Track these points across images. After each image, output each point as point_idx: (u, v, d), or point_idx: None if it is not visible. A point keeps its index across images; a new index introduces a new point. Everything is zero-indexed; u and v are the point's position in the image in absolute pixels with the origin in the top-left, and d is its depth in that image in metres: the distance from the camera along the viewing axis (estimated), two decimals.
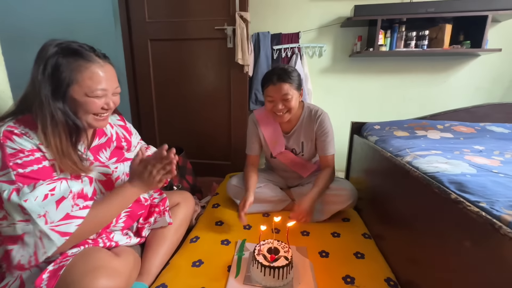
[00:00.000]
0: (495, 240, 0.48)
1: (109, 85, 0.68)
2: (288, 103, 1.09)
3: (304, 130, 1.22)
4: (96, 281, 0.58)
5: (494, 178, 0.67)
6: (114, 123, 0.87)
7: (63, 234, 0.58)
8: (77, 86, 0.64)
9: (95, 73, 0.65)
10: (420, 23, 1.78)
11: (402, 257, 0.87)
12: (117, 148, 0.83)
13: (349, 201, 1.16)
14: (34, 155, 0.60)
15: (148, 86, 1.88)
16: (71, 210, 0.61)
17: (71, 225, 0.60)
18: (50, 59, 0.61)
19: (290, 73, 1.09)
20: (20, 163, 0.58)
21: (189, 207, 1.06)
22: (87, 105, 0.66)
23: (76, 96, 0.64)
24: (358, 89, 2.01)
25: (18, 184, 0.57)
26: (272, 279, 0.80)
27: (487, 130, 1.28)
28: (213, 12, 1.69)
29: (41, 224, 0.56)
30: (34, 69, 0.62)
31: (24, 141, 0.60)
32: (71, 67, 0.62)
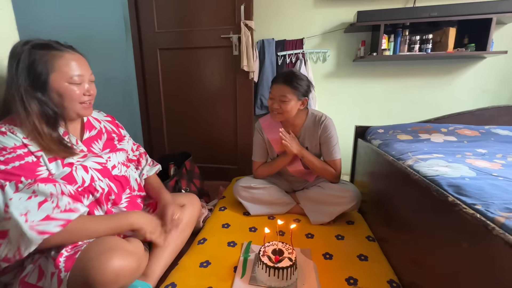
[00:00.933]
0: (489, 241, 0.50)
1: (84, 71, 0.74)
2: (284, 105, 1.13)
3: (308, 136, 1.26)
4: (111, 260, 0.62)
5: (493, 181, 0.69)
6: (101, 119, 0.94)
7: (41, 233, 0.60)
8: (56, 74, 0.69)
9: (69, 61, 0.71)
10: (424, 27, 1.79)
11: (404, 259, 0.88)
12: (108, 139, 0.90)
13: (352, 203, 1.18)
14: (16, 151, 0.65)
15: (157, 93, 1.95)
16: (52, 212, 0.63)
17: (51, 225, 0.62)
18: (22, 54, 0.66)
19: (296, 79, 1.13)
20: (3, 160, 0.62)
21: (195, 209, 1.09)
22: (69, 92, 0.71)
23: (56, 85, 0.70)
24: (362, 93, 2.03)
25: (0, 181, 0.60)
26: (277, 279, 0.83)
27: (492, 133, 1.28)
28: (219, 22, 1.75)
29: (22, 222, 0.59)
30: (8, 68, 0.68)
31: (7, 139, 0.65)
32: (45, 58, 0.68)
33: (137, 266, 0.70)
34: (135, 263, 0.68)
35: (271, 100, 1.18)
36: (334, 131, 1.23)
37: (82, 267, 0.61)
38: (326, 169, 1.22)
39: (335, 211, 1.19)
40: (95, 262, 0.61)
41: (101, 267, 0.60)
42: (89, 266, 0.60)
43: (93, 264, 0.60)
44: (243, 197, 1.31)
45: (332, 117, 1.26)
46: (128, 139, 1.02)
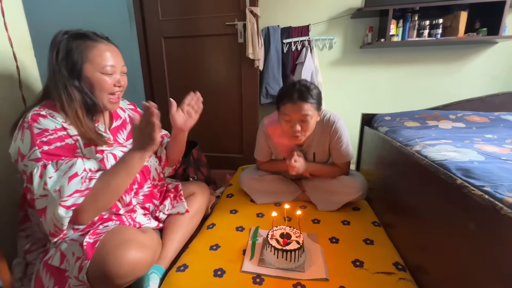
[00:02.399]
0: (497, 221, 0.51)
1: (116, 62, 0.75)
2: (306, 124, 1.03)
3: (316, 142, 1.18)
4: (127, 252, 0.65)
5: (502, 165, 0.69)
6: (125, 107, 0.96)
7: (69, 207, 0.64)
8: (89, 64, 0.71)
9: (102, 51, 0.73)
10: (434, 12, 1.74)
11: (410, 243, 0.90)
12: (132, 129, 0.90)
13: (359, 193, 1.18)
14: (57, 133, 0.68)
15: (162, 82, 1.96)
16: (80, 186, 0.66)
17: (76, 197, 0.65)
18: (61, 44, 0.69)
19: (311, 91, 1.01)
20: (46, 140, 0.66)
21: (205, 197, 1.12)
22: (100, 82, 0.73)
23: (89, 74, 0.72)
24: (369, 80, 2.00)
25: (43, 161, 0.64)
26: (285, 261, 0.85)
27: (501, 119, 1.27)
28: (223, 8, 1.72)
29: (56, 198, 0.63)
30: (49, 56, 0.70)
31: (49, 121, 0.68)
32: (81, 47, 0.70)
33: (152, 258, 0.74)
34: (150, 255, 0.72)
35: (288, 123, 1.04)
36: (344, 133, 1.14)
37: (100, 259, 0.63)
38: (334, 172, 1.20)
39: (342, 200, 1.20)
40: (112, 256, 0.64)
41: (117, 262, 0.63)
42: (106, 259, 0.63)
43: (109, 258, 0.63)
44: (249, 188, 1.32)
45: (339, 105, 1.25)
46: None
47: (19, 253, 0.80)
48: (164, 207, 0.95)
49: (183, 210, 0.99)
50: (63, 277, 0.66)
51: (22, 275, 0.77)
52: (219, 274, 0.84)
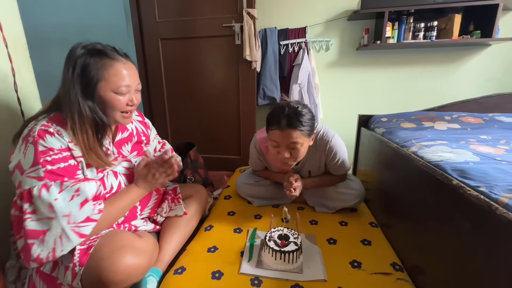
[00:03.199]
0: (493, 221, 0.51)
1: (132, 82, 0.74)
2: (296, 152, 0.96)
3: (312, 159, 1.14)
4: (123, 258, 0.64)
5: (496, 165, 0.70)
6: (133, 119, 0.93)
7: (81, 236, 0.63)
8: (104, 83, 0.69)
9: (119, 70, 0.71)
10: (429, 14, 1.76)
11: (407, 243, 0.90)
12: (137, 142, 0.90)
13: (355, 200, 1.17)
14: (62, 154, 0.66)
15: (159, 84, 1.95)
16: (92, 213, 0.65)
17: (88, 227, 0.65)
18: (78, 59, 0.67)
19: (302, 117, 0.92)
20: (50, 160, 0.63)
21: (202, 199, 1.12)
22: (113, 101, 0.71)
23: (102, 93, 0.70)
24: (365, 82, 2.02)
25: (46, 180, 0.61)
26: (283, 263, 0.85)
27: (495, 120, 1.28)
28: (221, 10, 1.73)
29: (64, 224, 0.61)
30: (65, 71, 0.68)
31: (55, 140, 0.65)
32: (98, 65, 0.68)
33: (148, 263, 0.73)
34: (146, 260, 0.71)
35: (276, 149, 0.97)
36: (340, 149, 1.09)
37: (95, 265, 0.62)
38: (332, 181, 1.19)
39: (338, 206, 1.20)
40: (107, 261, 0.62)
41: (113, 268, 0.62)
42: (101, 265, 0.62)
43: (105, 263, 0.62)
44: (246, 194, 1.31)
45: (335, 106, 1.26)
46: (155, 137, 1.03)
47: (12, 255, 0.79)
48: (161, 210, 0.94)
49: (181, 212, 0.98)
50: (55, 284, 0.65)
51: (15, 278, 0.76)
52: (217, 277, 0.83)
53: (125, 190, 0.79)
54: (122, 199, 0.76)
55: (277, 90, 1.99)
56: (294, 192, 1.08)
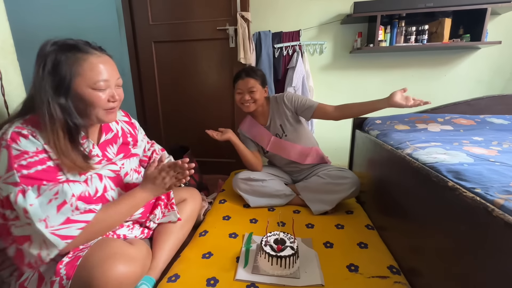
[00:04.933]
0: (489, 222, 0.51)
1: (110, 76, 0.69)
2: (254, 94, 1.27)
3: (278, 114, 1.35)
4: (115, 267, 0.62)
5: (490, 167, 0.70)
6: (119, 119, 0.89)
7: (64, 238, 0.60)
8: (79, 78, 0.65)
9: (95, 64, 0.66)
10: (420, 18, 1.80)
11: (404, 245, 0.90)
12: (123, 144, 0.86)
13: (352, 189, 1.20)
14: (38, 156, 0.62)
15: (153, 87, 1.93)
16: (72, 214, 0.61)
17: (72, 229, 0.61)
18: (48, 56, 0.63)
19: (256, 71, 1.29)
20: (25, 164, 0.59)
21: (196, 203, 1.09)
22: (92, 98, 0.67)
23: (80, 90, 0.65)
24: (359, 85, 2.04)
25: (22, 186, 0.58)
26: (279, 268, 0.84)
27: (487, 122, 1.30)
28: (214, 13, 1.72)
29: (41, 228, 0.57)
30: (35, 69, 0.64)
31: (29, 143, 0.61)
32: (70, 61, 0.64)
33: (140, 271, 0.70)
34: (138, 268, 0.68)
35: (240, 95, 1.29)
36: (296, 94, 1.35)
37: (85, 275, 0.60)
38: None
39: (336, 198, 1.21)
40: (98, 270, 0.60)
41: (104, 276, 0.60)
42: (92, 274, 0.60)
43: (95, 272, 0.60)
44: (243, 190, 1.31)
45: None
46: (143, 138, 0.99)
47: None
48: (154, 217, 0.91)
49: (174, 219, 0.96)
50: None
51: None
52: (212, 284, 0.81)
53: (129, 193, 0.76)
54: (124, 202, 0.73)
55: (271, 93, 1.99)
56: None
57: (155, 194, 0.79)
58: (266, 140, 1.37)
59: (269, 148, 1.37)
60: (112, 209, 0.70)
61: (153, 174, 0.78)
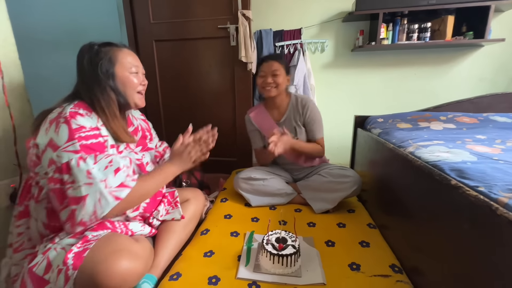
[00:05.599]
0: (493, 221, 0.51)
1: (138, 63, 0.86)
2: (277, 78, 1.25)
3: (294, 116, 1.33)
4: (119, 262, 0.63)
5: (494, 165, 0.70)
6: (137, 117, 1.01)
7: (117, 198, 0.69)
8: (119, 65, 0.81)
9: (128, 54, 0.84)
10: (422, 16, 1.78)
11: (406, 244, 0.89)
12: (142, 137, 0.96)
13: (354, 187, 1.19)
14: (93, 131, 0.73)
15: (154, 85, 1.93)
16: (125, 180, 0.72)
17: (123, 192, 0.71)
18: (92, 52, 0.78)
19: (281, 57, 1.34)
20: (83, 136, 0.69)
21: (199, 204, 1.11)
22: (130, 81, 0.82)
23: (120, 74, 0.80)
24: (361, 83, 2.03)
25: (82, 153, 0.67)
26: (281, 266, 0.83)
27: (490, 120, 1.29)
28: (215, 12, 1.72)
29: (102, 187, 0.67)
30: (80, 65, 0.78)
31: (85, 120, 0.72)
32: (110, 53, 0.80)
33: (144, 268, 0.71)
34: (142, 265, 0.70)
35: (263, 78, 1.27)
36: (317, 112, 1.33)
37: (89, 269, 0.61)
38: (315, 148, 1.30)
39: (337, 197, 1.20)
40: (103, 265, 0.61)
41: (108, 272, 0.61)
42: (97, 269, 0.61)
43: (100, 267, 0.61)
44: (244, 189, 1.31)
45: (331, 107, 1.27)
46: (155, 135, 1.10)
47: (8, 252, 0.78)
48: (157, 213, 0.92)
49: (178, 216, 0.96)
50: None
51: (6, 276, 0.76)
52: (213, 282, 0.81)
53: (160, 167, 0.86)
54: (157, 174, 0.83)
55: None
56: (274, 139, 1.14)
57: (182, 167, 0.88)
58: None
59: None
60: (148, 180, 0.80)
61: (180, 149, 0.88)
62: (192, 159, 0.89)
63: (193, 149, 0.89)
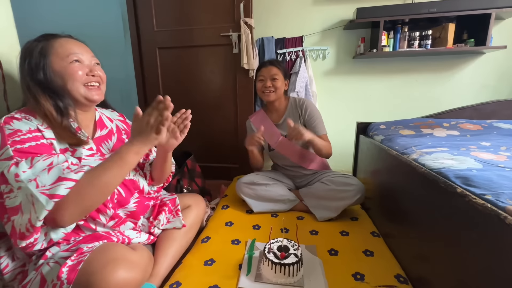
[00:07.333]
0: (501, 230, 0.49)
1: (82, 50, 0.74)
2: (276, 82, 1.29)
3: (293, 117, 1.34)
4: (116, 272, 0.60)
5: (500, 172, 0.68)
6: (113, 118, 0.92)
7: (52, 196, 0.59)
8: (53, 56, 0.70)
9: (65, 42, 0.72)
10: (423, 23, 1.79)
11: (411, 253, 0.87)
12: (118, 140, 0.87)
13: (357, 196, 1.17)
14: (32, 134, 0.64)
15: (157, 92, 1.94)
16: (62, 173, 0.62)
17: (61, 187, 0.60)
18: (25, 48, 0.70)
19: (279, 62, 1.35)
20: (18, 140, 0.62)
21: (200, 210, 1.08)
22: (69, 72, 0.70)
23: (56, 67, 0.70)
24: (362, 90, 2.03)
25: (16, 158, 0.60)
26: (283, 276, 0.81)
27: (494, 126, 1.28)
28: (218, 20, 1.74)
29: (32, 188, 0.58)
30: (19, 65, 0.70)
31: (22, 123, 0.65)
32: (41, 45, 0.70)
33: (141, 277, 0.68)
34: (139, 274, 0.67)
35: (262, 82, 1.30)
36: (315, 109, 1.33)
37: (85, 281, 0.59)
38: (324, 143, 1.27)
39: (340, 205, 1.19)
40: (98, 276, 0.59)
41: (104, 282, 0.58)
42: (92, 280, 0.58)
43: (96, 278, 0.58)
44: (246, 194, 1.30)
45: (333, 114, 1.27)
46: None
47: None
48: (158, 222, 0.90)
49: (179, 225, 0.94)
50: None
51: None
52: None
53: (116, 151, 0.70)
54: (111, 160, 0.68)
55: None
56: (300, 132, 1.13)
57: (144, 143, 0.71)
58: (275, 138, 1.36)
59: (276, 147, 1.36)
60: (101, 167, 0.67)
61: (137, 123, 0.72)
62: (153, 129, 0.70)
63: (151, 117, 0.70)
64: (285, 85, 1.34)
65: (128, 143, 0.71)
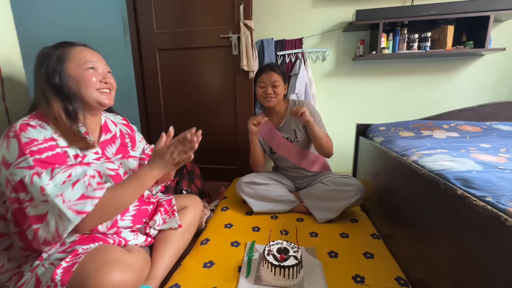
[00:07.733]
0: (502, 232, 0.49)
1: (97, 59, 0.77)
2: (276, 89, 1.30)
3: (293, 119, 1.34)
4: (110, 274, 0.60)
5: (500, 174, 0.68)
6: (117, 122, 0.94)
7: (79, 213, 0.63)
8: (69, 62, 0.73)
9: (82, 50, 0.76)
10: (422, 26, 1.80)
11: (411, 256, 0.87)
12: (121, 145, 0.89)
13: (357, 196, 1.17)
14: (47, 143, 0.66)
15: (156, 94, 1.94)
16: (86, 191, 0.65)
17: (87, 205, 0.64)
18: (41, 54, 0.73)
19: (279, 67, 1.34)
20: (36, 150, 0.64)
21: (197, 211, 1.07)
22: (84, 78, 0.73)
23: (72, 72, 0.73)
24: (362, 92, 2.03)
25: (36, 168, 0.62)
26: (283, 278, 0.81)
27: (493, 128, 1.28)
28: (218, 21, 1.75)
29: (59, 203, 0.61)
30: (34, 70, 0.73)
31: (37, 132, 0.66)
32: (59, 52, 0.73)
33: (136, 279, 0.68)
34: (134, 277, 0.66)
35: (263, 88, 1.31)
36: (314, 109, 1.34)
37: (79, 284, 0.58)
38: (324, 136, 1.26)
39: (341, 205, 1.18)
40: (93, 279, 0.58)
41: (98, 285, 0.58)
42: (87, 282, 0.58)
43: (90, 281, 0.58)
44: (246, 193, 1.30)
45: (333, 115, 1.27)
46: (141, 139, 1.02)
47: None
48: (154, 223, 0.90)
49: (175, 225, 0.94)
50: None
51: None
52: None
53: (137, 171, 0.76)
54: (131, 181, 0.74)
55: None
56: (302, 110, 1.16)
57: (163, 170, 0.78)
58: (276, 141, 1.37)
59: (277, 149, 1.37)
60: (122, 187, 0.72)
61: (162, 149, 0.78)
62: (175, 161, 0.78)
63: (176, 150, 0.77)
64: (285, 89, 1.35)
65: (148, 167, 0.77)
